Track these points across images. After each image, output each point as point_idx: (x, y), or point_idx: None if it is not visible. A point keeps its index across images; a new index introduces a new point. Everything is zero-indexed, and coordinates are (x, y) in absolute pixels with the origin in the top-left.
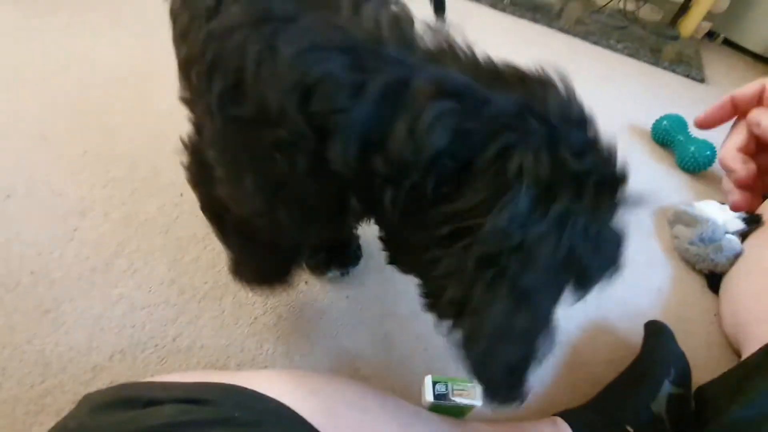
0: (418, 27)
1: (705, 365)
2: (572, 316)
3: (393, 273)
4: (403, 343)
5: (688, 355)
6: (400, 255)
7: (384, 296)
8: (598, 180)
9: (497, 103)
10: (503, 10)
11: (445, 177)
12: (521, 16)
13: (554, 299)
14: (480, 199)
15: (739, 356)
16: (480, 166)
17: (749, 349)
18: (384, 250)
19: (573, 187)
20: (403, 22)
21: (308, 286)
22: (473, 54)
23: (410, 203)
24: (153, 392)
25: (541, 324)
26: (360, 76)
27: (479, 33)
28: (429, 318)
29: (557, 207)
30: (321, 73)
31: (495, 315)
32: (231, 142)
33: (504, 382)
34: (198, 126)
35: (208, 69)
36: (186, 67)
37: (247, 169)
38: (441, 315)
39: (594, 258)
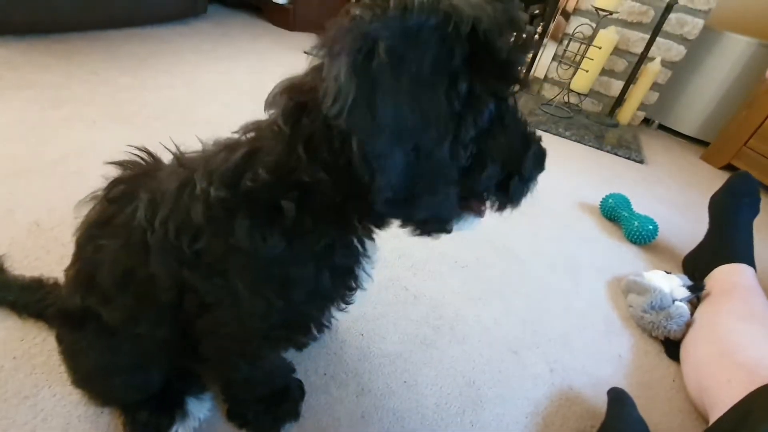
0: None
1: (666, 429)
2: (539, 387)
3: (370, 348)
4: (381, 420)
5: (651, 419)
6: None
7: (361, 372)
8: None
9: None
10: None
11: None
12: None
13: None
14: None
15: (706, 420)
16: None
17: (716, 412)
18: None
19: None
20: None
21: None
22: None
23: None
24: None
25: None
26: None
27: None
28: (403, 394)
29: None
30: None
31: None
32: None
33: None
34: None
35: None
36: None
37: None
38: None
39: None
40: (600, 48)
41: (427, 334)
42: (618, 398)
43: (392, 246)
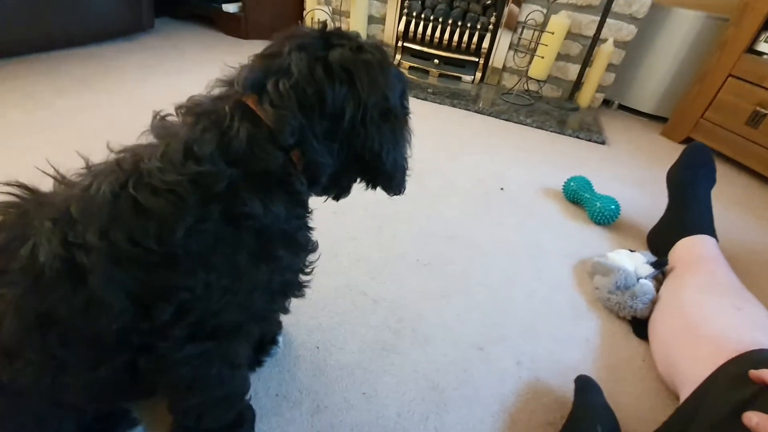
0: None
1: (636, 412)
2: (507, 382)
3: (326, 360)
4: None
5: (620, 401)
6: None
7: (316, 388)
8: None
9: None
10: (425, 98)
11: None
12: (441, 102)
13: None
14: None
15: (676, 398)
16: None
17: (685, 388)
18: None
19: None
20: None
21: None
22: None
23: None
24: None
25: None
26: None
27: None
28: (362, 407)
29: None
30: None
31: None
32: None
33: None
34: None
35: None
36: None
37: None
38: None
39: None
40: (553, 33)
41: (387, 339)
42: (584, 386)
43: (348, 251)
